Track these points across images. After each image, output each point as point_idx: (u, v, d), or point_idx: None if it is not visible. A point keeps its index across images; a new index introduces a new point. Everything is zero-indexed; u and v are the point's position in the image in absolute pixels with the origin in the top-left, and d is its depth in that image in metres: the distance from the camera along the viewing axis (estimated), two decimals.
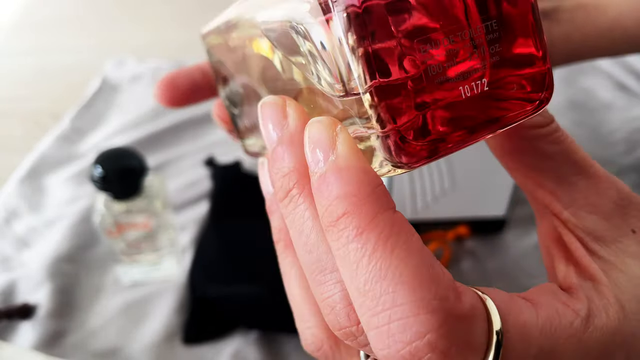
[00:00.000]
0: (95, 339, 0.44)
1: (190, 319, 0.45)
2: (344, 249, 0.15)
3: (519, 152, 0.20)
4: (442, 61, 0.16)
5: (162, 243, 0.47)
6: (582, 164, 0.20)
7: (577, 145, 0.20)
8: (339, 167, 0.16)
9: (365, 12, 0.15)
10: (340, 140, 0.16)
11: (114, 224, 0.44)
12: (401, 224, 0.15)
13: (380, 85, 0.15)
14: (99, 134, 0.66)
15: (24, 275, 0.48)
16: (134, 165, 0.42)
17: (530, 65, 0.17)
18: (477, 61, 0.16)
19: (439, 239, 0.49)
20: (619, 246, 0.19)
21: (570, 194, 0.20)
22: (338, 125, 0.16)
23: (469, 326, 0.15)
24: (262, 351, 0.43)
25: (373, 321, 0.15)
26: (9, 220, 0.54)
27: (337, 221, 0.15)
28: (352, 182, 0.15)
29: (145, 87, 0.73)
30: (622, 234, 0.19)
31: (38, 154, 0.61)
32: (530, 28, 0.17)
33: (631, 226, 0.20)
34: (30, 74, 0.80)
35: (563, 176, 0.20)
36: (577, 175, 0.20)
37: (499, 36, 0.17)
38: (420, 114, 0.16)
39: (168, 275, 0.48)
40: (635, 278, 0.19)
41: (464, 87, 0.16)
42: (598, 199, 0.20)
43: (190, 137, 0.64)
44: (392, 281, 0.14)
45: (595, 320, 0.18)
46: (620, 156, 0.58)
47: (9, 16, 0.96)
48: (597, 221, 0.19)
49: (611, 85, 0.68)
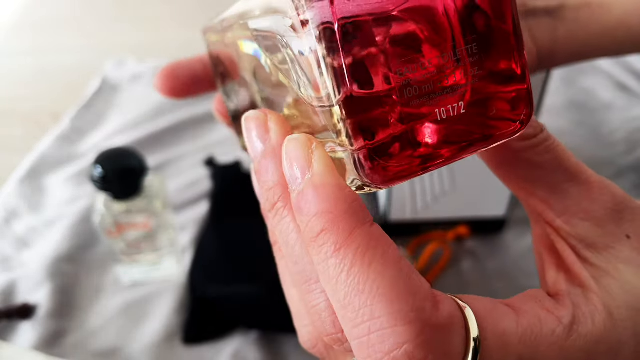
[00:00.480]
0: (95, 339, 0.44)
1: (190, 319, 0.45)
2: (324, 264, 0.16)
3: (510, 164, 0.20)
4: (419, 78, 0.16)
5: (162, 243, 0.47)
6: (574, 171, 0.20)
7: (569, 153, 0.20)
8: (315, 185, 0.16)
9: (341, 27, 0.15)
10: (316, 157, 0.16)
11: (114, 224, 0.44)
12: (378, 237, 0.16)
13: (350, 99, 0.15)
14: (99, 134, 0.66)
15: (24, 275, 0.48)
16: (134, 165, 0.42)
17: (511, 84, 0.17)
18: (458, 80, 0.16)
19: (439, 239, 0.49)
20: (611, 252, 0.19)
21: (562, 202, 0.20)
22: (313, 143, 0.17)
23: (446, 335, 0.15)
24: (262, 351, 0.43)
25: (354, 332, 0.15)
26: (9, 220, 0.54)
27: (316, 237, 0.16)
28: (328, 200, 0.16)
29: (145, 87, 0.73)
30: (616, 240, 0.19)
31: (38, 154, 0.61)
32: (511, 47, 0.17)
33: (625, 231, 0.20)
34: (31, 74, 0.80)
35: (555, 184, 0.20)
36: (569, 182, 0.20)
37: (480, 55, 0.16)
38: (393, 133, 0.16)
39: (168, 275, 0.48)
40: (627, 284, 0.19)
41: (439, 110, 0.16)
42: (591, 205, 0.19)
43: (190, 137, 0.64)
44: (370, 294, 0.15)
45: (579, 328, 0.18)
46: (620, 156, 0.58)
47: (9, 16, 0.96)
48: (590, 228, 0.19)
49: (611, 86, 0.68)
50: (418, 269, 0.47)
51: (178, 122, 0.66)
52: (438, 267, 0.48)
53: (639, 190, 0.54)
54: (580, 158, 0.67)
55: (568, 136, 0.61)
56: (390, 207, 0.47)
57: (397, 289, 0.15)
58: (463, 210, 0.48)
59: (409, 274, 0.16)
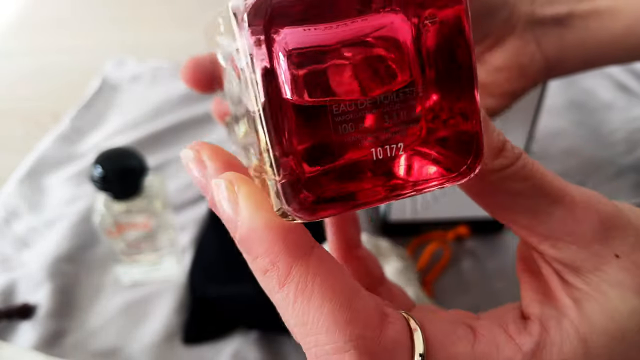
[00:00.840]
0: (95, 339, 0.44)
1: (190, 319, 0.45)
2: (274, 297, 0.17)
3: (488, 194, 0.19)
4: (352, 118, 0.15)
5: (162, 243, 0.47)
6: (556, 194, 0.19)
7: (549, 175, 0.19)
8: (247, 231, 0.16)
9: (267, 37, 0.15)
10: (241, 200, 0.16)
11: (114, 224, 0.44)
12: (317, 267, 0.16)
13: (276, 126, 0.15)
14: (99, 134, 0.66)
15: (23, 275, 0.48)
16: (133, 165, 0.42)
17: (459, 129, 0.16)
18: (391, 124, 0.16)
19: (439, 239, 0.49)
20: (598, 275, 0.19)
21: (546, 226, 0.19)
22: (236, 184, 0.17)
23: (388, 357, 0.16)
24: (262, 351, 0.43)
25: (307, 354, 0.17)
26: (9, 220, 0.54)
27: (263, 275, 0.17)
28: (261, 244, 0.16)
29: (145, 87, 0.73)
30: (604, 262, 0.19)
31: (38, 154, 0.61)
32: (465, 88, 0.16)
33: (614, 250, 0.19)
34: (31, 74, 0.80)
35: (537, 210, 0.19)
36: (552, 205, 0.19)
37: (416, 99, 0.16)
38: (317, 169, 0.15)
39: (168, 275, 0.48)
40: (611, 310, 0.18)
41: (376, 150, 0.16)
42: (576, 226, 0.19)
43: (190, 137, 0.64)
44: (313, 326, 0.16)
45: (543, 355, 0.18)
46: (620, 156, 0.58)
47: (9, 16, 0.96)
48: (576, 251, 0.19)
49: (611, 86, 0.69)
50: (418, 269, 0.47)
51: (178, 122, 0.66)
52: (438, 267, 0.48)
53: (639, 190, 0.54)
54: (581, 158, 0.67)
55: (568, 136, 0.61)
56: (390, 207, 0.47)
57: (336, 320, 0.16)
58: (463, 210, 0.48)
59: (350, 301, 0.16)
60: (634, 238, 0.19)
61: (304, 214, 0.15)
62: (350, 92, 0.15)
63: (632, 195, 0.54)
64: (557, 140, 0.60)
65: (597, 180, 0.55)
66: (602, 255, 0.19)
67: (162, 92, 0.71)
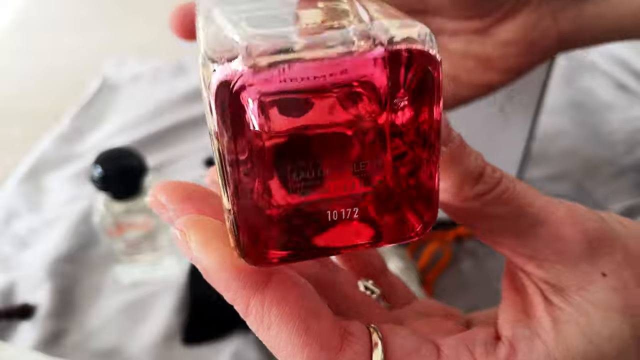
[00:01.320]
0: (95, 339, 0.44)
1: (190, 319, 0.45)
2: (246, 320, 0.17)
3: (471, 219, 0.19)
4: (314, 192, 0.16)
5: (161, 243, 0.47)
6: (541, 214, 0.18)
7: (533, 196, 0.19)
8: (204, 272, 0.17)
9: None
10: (193, 247, 0.17)
11: (114, 223, 0.44)
12: (272, 297, 0.17)
13: (237, 162, 0.15)
14: (98, 134, 0.66)
15: (23, 275, 0.48)
16: (133, 165, 0.42)
17: (415, 195, 0.16)
18: (356, 189, 0.16)
19: (439, 239, 0.49)
20: (582, 294, 0.18)
21: (531, 247, 0.19)
22: (187, 232, 0.17)
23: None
24: (261, 352, 0.43)
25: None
26: (9, 220, 0.54)
27: (233, 305, 0.17)
28: (220, 283, 0.17)
29: (145, 87, 0.73)
30: (590, 281, 0.18)
31: (38, 154, 0.61)
32: (432, 162, 0.16)
33: (601, 269, 0.18)
34: (31, 74, 0.80)
35: (521, 232, 0.19)
36: (536, 227, 0.18)
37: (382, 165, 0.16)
38: (274, 222, 0.16)
39: (168, 275, 0.48)
40: (589, 333, 0.18)
41: (331, 212, 0.16)
42: (562, 245, 0.18)
43: (190, 137, 0.64)
44: (279, 350, 0.17)
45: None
46: (620, 156, 0.58)
47: (9, 16, 0.96)
48: (562, 270, 0.18)
49: (611, 85, 0.69)
50: (418, 269, 0.47)
51: (178, 122, 0.66)
52: (438, 267, 0.48)
53: (639, 190, 0.54)
54: (581, 158, 0.67)
55: (568, 136, 0.61)
56: None
57: (293, 345, 0.17)
58: None
59: (307, 325, 0.17)
60: (622, 255, 0.18)
61: (252, 258, 0.16)
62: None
63: (632, 195, 0.54)
64: (557, 140, 0.60)
65: (597, 181, 0.55)
66: (588, 274, 0.18)
67: (162, 92, 0.71)
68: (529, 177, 0.55)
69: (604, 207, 0.52)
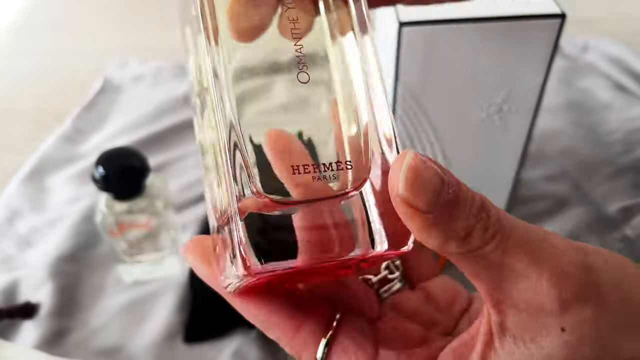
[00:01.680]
0: (97, 338, 0.45)
1: (191, 318, 0.45)
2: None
3: (459, 263, 0.19)
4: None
5: (163, 243, 0.48)
6: (524, 270, 0.18)
7: (525, 247, 0.18)
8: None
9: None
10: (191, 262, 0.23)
11: (116, 223, 0.44)
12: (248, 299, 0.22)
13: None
14: (100, 135, 0.66)
15: (26, 274, 0.49)
16: (135, 165, 0.43)
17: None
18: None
19: None
20: (530, 346, 0.18)
21: (506, 293, 0.18)
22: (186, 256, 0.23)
23: (301, 349, 0.21)
24: (263, 350, 0.43)
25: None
26: (12, 220, 0.54)
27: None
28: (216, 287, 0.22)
29: (147, 87, 0.74)
30: (544, 334, 0.18)
31: (40, 154, 0.62)
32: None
33: (563, 323, 0.18)
34: (33, 74, 0.80)
35: (501, 281, 0.18)
36: (517, 279, 0.18)
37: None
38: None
39: (169, 274, 0.49)
40: None
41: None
42: (535, 298, 0.18)
43: (192, 137, 0.65)
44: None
45: None
46: (618, 156, 0.59)
47: (12, 16, 0.97)
48: (525, 320, 0.18)
49: (609, 86, 0.69)
50: None
51: (179, 122, 0.66)
52: (437, 267, 0.48)
53: (638, 190, 0.54)
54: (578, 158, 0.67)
55: (566, 136, 0.62)
56: None
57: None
58: None
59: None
60: (592, 310, 0.18)
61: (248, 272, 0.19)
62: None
63: (629, 195, 0.54)
64: (555, 140, 0.61)
65: (595, 181, 0.56)
66: (547, 327, 0.18)
67: (163, 92, 0.71)
68: (526, 177, 0.55)
69: (601, 207, 0.53)
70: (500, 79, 0.40)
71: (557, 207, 0.53)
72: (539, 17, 0.37)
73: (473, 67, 0.39)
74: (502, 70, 0.40)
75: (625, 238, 0.50)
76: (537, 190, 0.55)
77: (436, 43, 0.38)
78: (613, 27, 0.80)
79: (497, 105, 0.42)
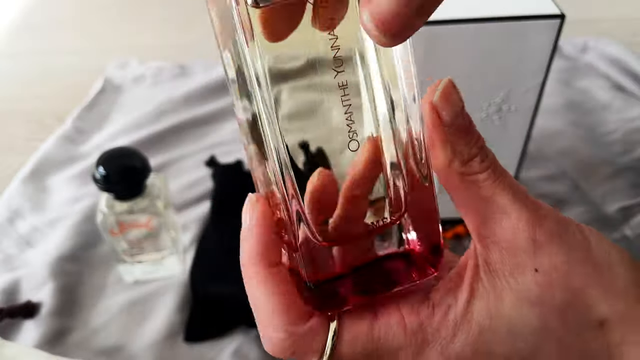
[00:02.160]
0: (97, 337, 0.45)
1: (192, 318, 0.45)
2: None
3: (450, 188, 0.22)
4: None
5: (164, 242, 0.48)
6: (507, 207, 0.21)
7: (511, 195, 0.21)
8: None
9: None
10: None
11: (116, 223, 0.45)
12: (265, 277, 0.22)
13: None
14: (101, 135, 0.66)
15: (27, 274, 0.49)
16: (136, 166, 0.43)
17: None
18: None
19: None
20: (509, 281, 0.21)
21: (490, 229, 0.21)
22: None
23: (309, 339, 0.21)
24: (263, 349, 0.43)
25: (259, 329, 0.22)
26: (13, 220, 0.55)
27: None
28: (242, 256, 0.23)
29: (147, 88, 0.74)
30: (520, 272, 0.20)
31: (41, 154, 0.62)
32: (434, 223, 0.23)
33: (536, 265, 0.20)
34: (34, 75, 0.80)
35: (487, 215, 0.21)
36: (501, 216, 0.21)
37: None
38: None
39: (170, 274, 0.49)
40: (495, 313, 0.20)
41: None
42: (514, 236, 0.21)
43: (192, 137, 0.65)
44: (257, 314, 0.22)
45: (426, 333, 0.21)
46: (617, 156, 0.59)
47: (12, 16, 0.97)
48: (503, 255, 0.21)
49: (608, 86, 0.69)
50: None
51: (180, 122, 0.66)
52: None
53: (637, 190, 0.55)
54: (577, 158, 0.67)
55: (565, 137, 0.62)
56: None
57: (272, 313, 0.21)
58: None
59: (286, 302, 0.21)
60: (564, 257, 0.20)
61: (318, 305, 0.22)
62: None
63: (628, 195, 0.54)
64: (554, 140, 0.61)
65: (594, 181, 0.56)
66: (522, 266, 0.20)
67: (164, 92, 0.71)
68: (525, 177, 0.55)
69: (600, 207, 0.53)
70: (499, 79, 0.40)
71: (556, 207, 0.53)
72: (539, 17, 0.37)
73: (473, 67, 0.39)
74: (502, 70, 0.40)
75: (625, 238, 0.50)
76: (536, 190, 0.55)
77: (436, 43, 0.38)
78: (612, 28, 0.81)
79: (496, 105, 0.42)
